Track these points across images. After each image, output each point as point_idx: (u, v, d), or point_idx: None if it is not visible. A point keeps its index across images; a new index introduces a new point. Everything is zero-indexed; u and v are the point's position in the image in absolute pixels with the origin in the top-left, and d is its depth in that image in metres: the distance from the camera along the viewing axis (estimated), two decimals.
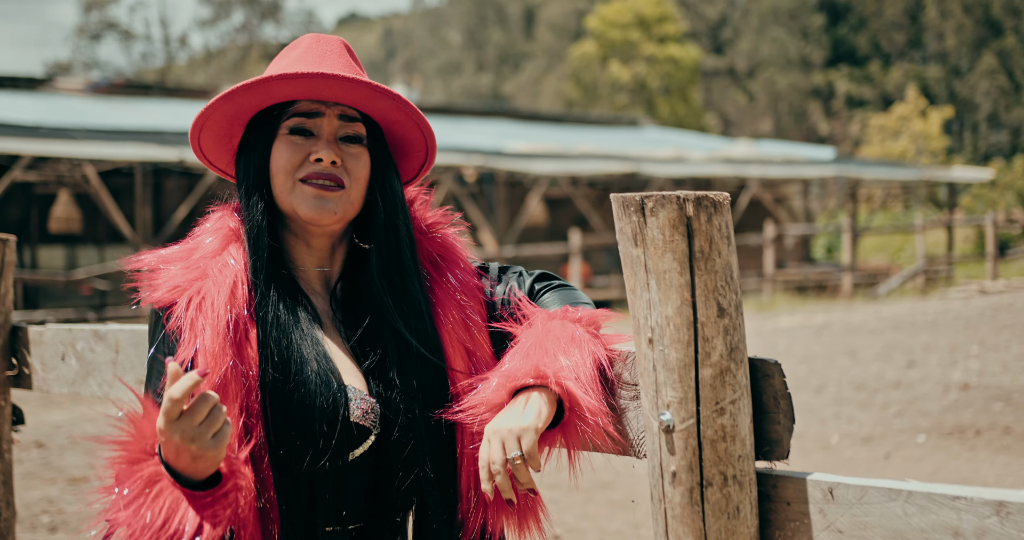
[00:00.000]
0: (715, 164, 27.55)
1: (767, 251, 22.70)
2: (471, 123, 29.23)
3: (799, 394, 10.80)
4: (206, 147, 2.10)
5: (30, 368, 3.07)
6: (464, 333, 2.04)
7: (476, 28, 71.80)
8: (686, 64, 48.64)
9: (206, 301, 1.93)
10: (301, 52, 2.04)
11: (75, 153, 17.58)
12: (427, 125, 2.10)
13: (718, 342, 1.57)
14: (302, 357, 1.93)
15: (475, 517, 2.02)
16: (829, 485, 1.58)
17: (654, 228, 1.57)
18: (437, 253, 2.11)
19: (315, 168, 1.99)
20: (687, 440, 1.58)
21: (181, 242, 2.07)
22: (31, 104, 21.75)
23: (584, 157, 25.25)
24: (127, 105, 23.18)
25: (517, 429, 1.82)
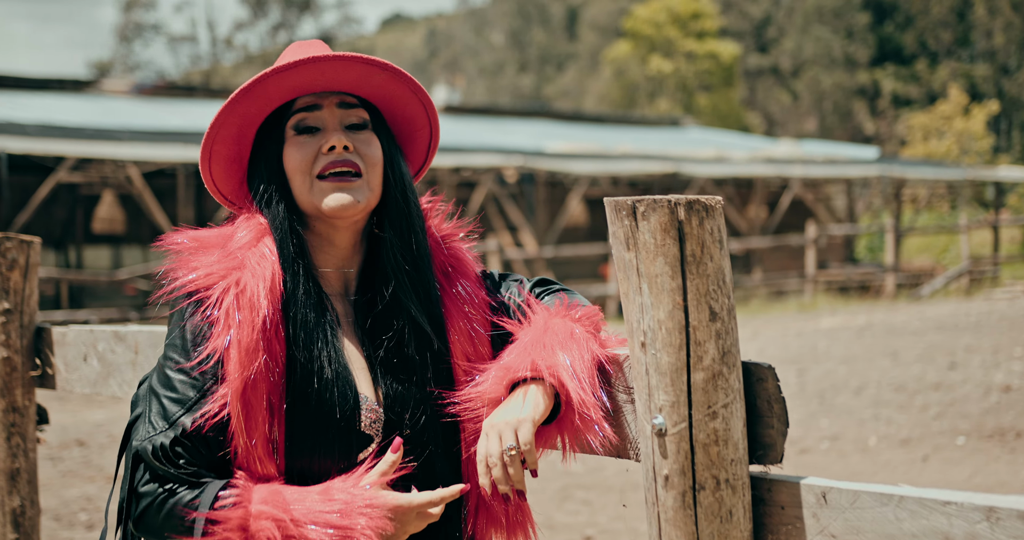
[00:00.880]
0: (757, 164, 27.40)
1: (809, 251, 22.55)
2: (512, 123, 29.25)
3: (838, 395, 10.73)
4: (217, 176, 2.09)
5: (53, 368, 3.11)
6: (469, 344, 2.05)
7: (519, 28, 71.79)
8: (725, 60, 48.39)
9: (245, 293, 1.92)
10: (286, 56, 2.05)
11: (119, 154, 17.76)
12: (426, 95, 2.10)
13: (710, 346, 1.58)
14: (322, 367, 1.94)
15: (468, 524, 2.03)
16: (822, 489, 1.57)
17: (646, 232, 1.57)
18: (449, 264, 2.12)
19: (329, 158, 1.99)
20: (679, 444, 1.59)
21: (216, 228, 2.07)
22: (77, 106, 22.00)
23: (624, 157, 25.20)
24: (171, 106, 23.39)
25: (514, 421, 1.84)
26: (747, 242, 23.51)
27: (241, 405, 1.87)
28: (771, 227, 27.83)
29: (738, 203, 27.87)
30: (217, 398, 1.88)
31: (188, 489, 1.87)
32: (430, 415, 2.00)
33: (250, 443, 1.88)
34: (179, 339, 1.95)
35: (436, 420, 2.01)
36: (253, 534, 1.83)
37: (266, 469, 1.90)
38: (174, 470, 1.87)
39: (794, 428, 9.41)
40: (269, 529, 1.82)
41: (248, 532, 1.83)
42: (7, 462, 3.16)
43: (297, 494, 1.86)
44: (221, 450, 1.90)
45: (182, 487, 1.88)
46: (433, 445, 2.00)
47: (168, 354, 1.96)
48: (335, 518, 1.84)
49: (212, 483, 1.87)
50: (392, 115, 2.12)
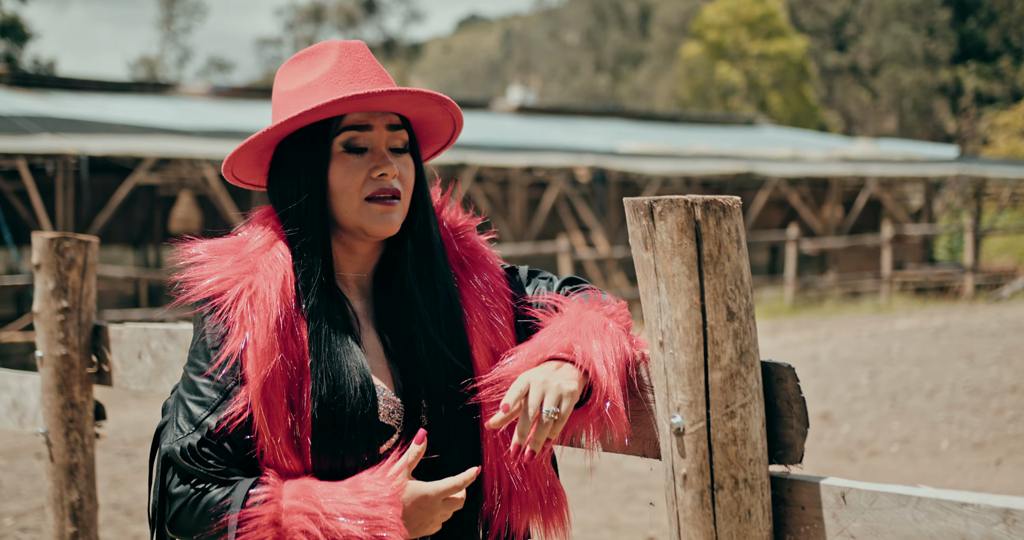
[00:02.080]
0: (832, 163, 27.09)
1: (885, 251, 22.24)
2: (585, 124, 29.22)
3: (911, 398, 10.59)
4: (237, 164, 2.13)
5: (110, 365, 3.18)
6: (490, 334, 2.08)
7: (594, 28, 71.64)
8: (795, 57, 47.85)
9: (257, 296, 1.98)
10: (333, 64, 2.06)
11: (196, 154, 18.04)
12: (461, 123, 2.16)
13: (728, 346, 1.58)
14: (343, 366, 1.98)
15: (500, 515, 2.05)
16: (842, 490, 1.57)
17: (663, 232, 1.58)
18: (465, 255, 2.16)
19: (380, 184, 2.03)
20: (697, 443, 1.59)
21: (230, 234, 2.13)
22: (156, 108, 22.39)
23: (697, 157, 25.05)
24: (248, 108, 23.70)
25: (557, 387, 1.83)
26: (822, 242, 23.24)
27: (262, 403, 1.92)
28: (846, 227, 27.50)
29: (813, 203, 27.57)
30: (239, 398, 1.93)
31: (219, 488, 1.92)
32: (449, 404, 2.03)
33: (274, 440, 1.93)
34: (199, 345, 2.02)
35: (455, 409, 2.03)
36: (285, 529, 1.87)
37: (292, 465, 1.94)
38: (203, 470, 1.92)
39: (864, 430, 9.30)
40: (301, 523, 1.86)
41: (280, 527, 1.87)
42: (66, 457, 3.24)
43: (326, 488, 1.90)
44: (248, 449, 1.95)
45: (213, 486, 1.93)
46: (453, 433, 2.03)
47: (191, 360, 2.02)
48: (364, 509, 1.87)
49: (242, 481, 1.92)
50: (420, 128, 2.18)
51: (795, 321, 18.34)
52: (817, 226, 26.59)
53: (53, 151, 16.75)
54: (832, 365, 12.55)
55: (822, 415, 9.86)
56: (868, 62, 62.68)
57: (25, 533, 7.01)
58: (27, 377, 3.46)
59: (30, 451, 9.46)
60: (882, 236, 22.60)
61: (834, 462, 8.25)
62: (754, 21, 47.49)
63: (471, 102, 29.47)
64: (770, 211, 27.25)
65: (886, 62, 61.30)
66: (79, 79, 24.01)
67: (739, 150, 26.80)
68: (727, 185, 25.34)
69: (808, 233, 26.51)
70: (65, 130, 17.65)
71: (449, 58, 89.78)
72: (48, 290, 3.23)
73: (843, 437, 9.09)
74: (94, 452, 3.29)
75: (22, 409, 3.47)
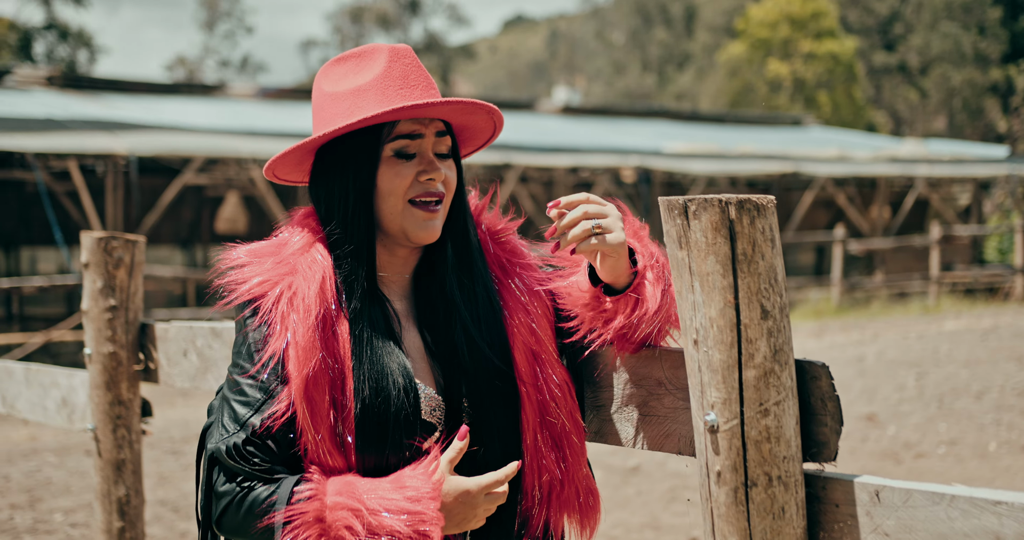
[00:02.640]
0: (880, 163, 26.87)
1: (933, 252, 22.04)
2: (629, 124, 29.17)
3: (958, 399, 10.50)
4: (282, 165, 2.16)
5: (156, 363, 3.23)
6: (529, 335, 2.10)
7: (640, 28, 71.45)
8: (844, 58, 47.45)
9: (297, 296, 2.01)
10: (383, 69, 2.08)
11: (242, 155, 18.20)
12: (501, 128, 2.20)
13: (762, 344, 1.59)
14: (385, 367, 2.01)
15: (538, 515, 2.07)
16: (876, 488, 1.58)
17: (697, 231, 1.60)
18: (505, 258, 2.18)
19: (425, 187, 2.07)
20: (731, 440, 1.60)
21: (269, 238, 2.17)
22: (204, 109, 22.59)
23: (743, 157, 24.94)
24: (294, 109, 23.86)
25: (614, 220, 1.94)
26: (869, 243, 23.06)
27: (305, 402, 1.96)
28: (894, 228, 27.27)
29: (860, 203, 27.37)
30: (282, 397, 1.97)
31: (264, 486, 1.96)
32: (489, 402, 2.05)
33: (317, 438, 1.96)
34: (242, 346, 2.05)
35: (495, 407, 2.05)
36: (330, 525, 1.90)
37: (336, 462, 1.97)
38: (248, 468, 1.96)
39: (911, 432, 9.23)
40: (345, 518, 1.90)
41: (325, 523, 1.91)
42: (113, 453, 3.29)
43: (369, 484, 1.93)
44: (291, 447, 1.99)
45: (258, 484, 1.96)
46: (493, 430, 2.05)
47: (235, 361, 2.06)
48: (407, 504, 1.90)
49: (287, 479, 1.96)
50: (460, 131, 2.21)
51: (841, 322, 18.22)
52: (864, 226, 26.38)
53: (103, 152, 16.95)
54: (879, 366, 12.46)
55: (868, 417, 9.80)
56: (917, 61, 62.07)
57: (75, 529, 7.11)
58: (76, 374, 3.52)
59: (80, 448, 9.59)
60: (930, 237, 22.40)
61: (880, 464, 8.20)
62: (804, 20, 47.15)
63: (516, 103, 29.51)
64: (816, 211, 27.08)
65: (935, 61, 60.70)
66: (129, 81, 24.27)
67: (785, 150, 26.65)
68: (773, 185, 25.21)
69: (855, 234, 26.32)
70: (115, 131, 17.86)
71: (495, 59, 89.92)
72: (96, 289, 3.28)
73: (889, 439, 9.03)
74: (141, 448, 3.35)
75: (71, 406, 3.53)
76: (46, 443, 10.04)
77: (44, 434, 10.46)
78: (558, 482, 2.06)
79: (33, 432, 10.59)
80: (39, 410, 3.75)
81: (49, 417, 3.69)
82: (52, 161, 17.53)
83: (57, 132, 17.26)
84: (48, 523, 7.26)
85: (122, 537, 3.32)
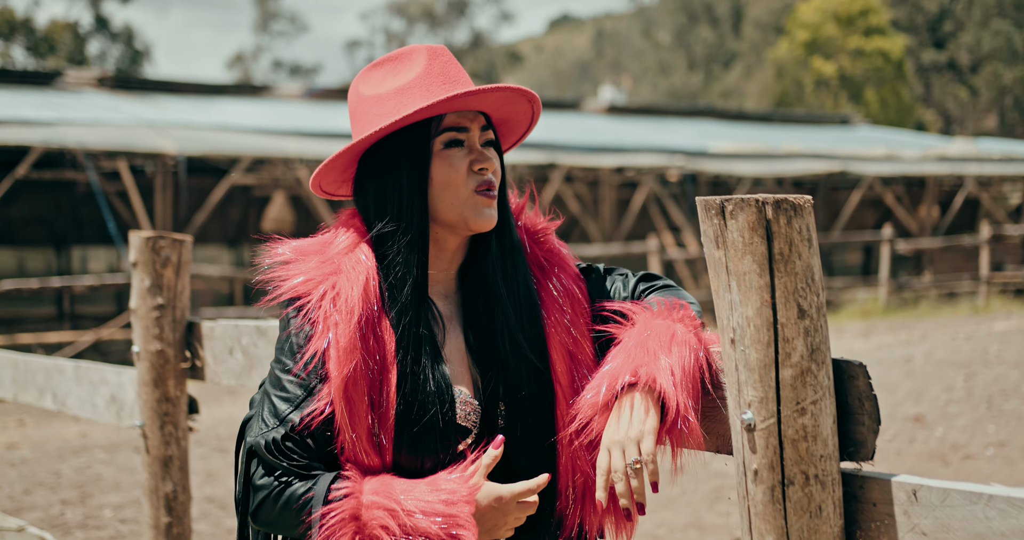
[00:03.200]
0: (929, 162, 26.64)
1: (983, 252, 21.80)
2: (675, 123, 29.08)
3: (1008, 401, 10.39)
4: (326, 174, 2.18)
5: (202, 361, 3.28)
6: (567, 337, 2.11)
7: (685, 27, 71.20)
8: (894, 55, 47.03)
9: (340, 296, 2.03)
10: (424, 67, 2.11)
11: (289, 155, 18.33)
12: (538, 117, 2.22)
13: (798, 343, 1.60)
14: (421, 366, 2.03)
15: (573, 515, 2.08)
16: (913, 487, 1.58)
17: (734, 231, 1.61)
18: (544, 258, 2.20)
19: (481, 178, 2.09)
20: (768, 439, 1.61)
21: (315, 236, 2.19)
22: (252, 110, 22.77)
23: (789, 157, 24.80)
24: (341, 109, 23.98)
25: (636, 435, 1.87)
26: (917, 243, 22.86)
27: (344, 401, 1.98)
28: (943, 227, 27.02)
29: (908, 203, 27.14)
30: (322, 396, 2.00)
31: (301, 482, 1.99)
32: (526, 406, 2.07)
33: (354, 437, 1.99)
34: (285, 343, 2.08)
35: (532, 410, 2.07)
36: (365, 523, 1.93)
37: (372, 462, 2.00)
38: (286, 463, 1.99)
39: (959, 433, 9.15)
40: (381, 518, 1.92)
41: (360, 521, 1.93)
42: (160, 449, 3.34)
43: (406, 485, 1.96)
44: (329, 445, 2.02)
45: (295, 480, 1.99)
46: (529, 434, 2.07)
47: (277, 357, 2.09)
48: (442, 507, 1.92)
49: (324, 475, 1.98)
50: (499, 124, 2.23)
51: (889, 322, 18.08)
52: (912, 226, 26.16)
53: (153, 151, 17.15)
54: (927, 367, 12.35)
55: (915, 418, 9.73)
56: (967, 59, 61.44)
57: (124, 524, 7.20)
58: (125, 372, 3.58)
59: (129, 445, 9.71)
60: (980, 236, 22.16)
61: (927, 465, 8.14)
62: (852, 17, 46.80)
63: (561, 102, 29.50)
64: (864, 211, 26.88)
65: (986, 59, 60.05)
66: (178, 82, 24.52)
67: (832, 149, 26.47)
68: (820, 185, 25.05)
69: (903, 233, 26.10)
70: (164, 132, 18.05)
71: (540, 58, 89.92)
72: (144, 287, 3.34)
73: (936, 440, 8.96)
74: (187, 445, 3.39)
75: (120, 403, 3.59)
76: (96, 440, 10.18)
77: (94, 431, 10.60)
78: (592, 483, 2.07)
79: (84, 429, 10.73)
80: (89, 407, 3.82)
81: (98, 414, 3.75)
82: (103, 161, 17.74)
83: (107, 132, 17.47)
84: (98, 518, 7.36)
85: (169, 532, 3.37)
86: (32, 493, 8.10)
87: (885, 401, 9.99)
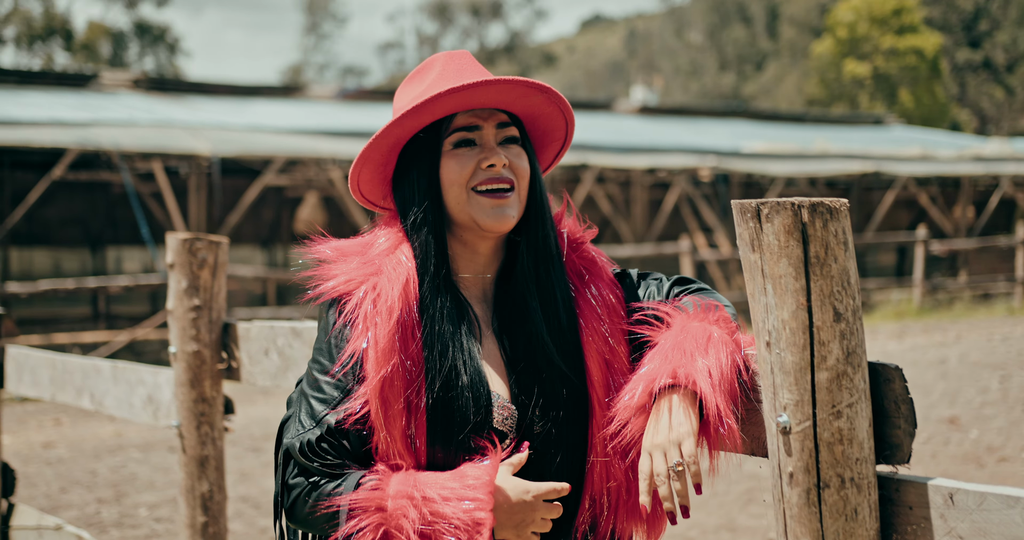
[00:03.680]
0: (964, 162, 26.44)
1: (1019, 253, 21.61)
2: (707, 124, 29.01)
3: None
4: (364, 181, 2.20)
5: (238, 362, 3.30)
6: (603, 344, 2.11)
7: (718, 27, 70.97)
8: (928, 53, 46.68)
9: (381, 297, 2.05)
10: (439, 71, 2.14)
11: (322, 155, 18.41)
12: (571, 113, 2.21)
13: (834, 346, 1.60)
14: (457, 369, 2.04)
15: (606, 522, 2.09)
16: (950, 491, 1.58)
17: (770, 234, 1.61)
18: (583, 266, 2.20)
19: (487, 174, 2.10)
20: (803, 442, 1.61)
21: (356, 236, 2.21)
22: (284, 111, 22.88)
23: (822, 157, 24.68)
24: (374, 110, 24.07)
25: (676, 437, 1.87)
26: (951, 243, 22.70)
27: (380, 402, 2.00)
28: (978, 228, 26.82)
29: (943, 203, 26.95)
30: (359, 396, 2.01)
31: (333, 480, 2.01)
32: (561, 412, 2.07)
33: (389, 438, 2.00)
34: (323, 343, 2.10)
35: (567, 416, 2.07)
36: (391, 513, 1.94)
37: (406, 462, 2.01)
38: (318, 463, 2.01)
39: (994, 436, 9.09)
40: (404, 507, 1.94)
41: (386, 512, 1.95)
42: (197, 449, 3.37)
43: (431, 477, 1.98)
44: (364, 445, 2.03)
45: (327, 479, 2.01)
46: (564, 439, 2.07)
47: (315, 357, 2.11)
48: (463, 491, 1.94)
49: (354, 473, 2.00)
50: (533, 127, 2.23)
51: (923, 324, 17.96)
52: (947, 227, 25.98)
53: (187, 152, 17.26)
54: (961, 369, 12.27)
55: (950, 420, 9.66)
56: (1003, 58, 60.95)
57: (159, 523, 7.26)
58: (161, 372, 3.61)
59: (163, 444, 9.78)
60: (1016, 237, 21.97)
61: (961, 467, 8.09)
62: (886, 16, 46.51)
63: (593, 103, 29.48)
64: (898, 211, 26.72)
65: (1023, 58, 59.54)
66: (212, 83, 24.66)
67: (866, 149, 26.33)
68: (853, 185, 24.92)
69: (938, 234, 25.92)
70: (198, 133, 18.17)
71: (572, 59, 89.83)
72: (181, 289, 3.37)
73: (971, 442, 8.90)
74: (223, 445, 3.42)
75: (156, 403, 3.62)
76: (131, 439, 10.26)
77: (129, 430, 10.68)
78: (625, 490, 2.07)
79: (119, 428, 10.82)
80: (126, 407, 3.85)
81: (135, 414, 3.79)
82: (138, 162, 17.87)
83: (142, 133, 17.60)
84: (133, 517, 7.42)
85: (205, 532, 3.40)
86: (68, 492, 8.18)
87: (919, 403, 9.92)
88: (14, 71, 23.24)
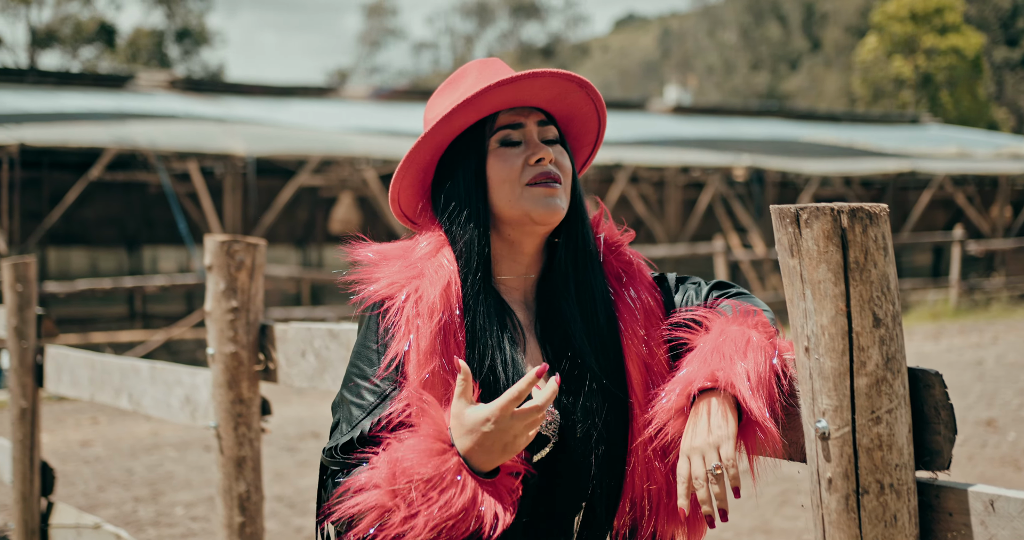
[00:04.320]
0: (1001, 161, 26.22)
1: None
2: (743, 123, 28.90)
3: None
4: (405, 187, 2.20)
5: (275, 363, 3.32)
6: (642, 346, 2.11)
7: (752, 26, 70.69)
8: (969, 53, 46.29)
9: (423, 300, 2.05)
10: (476, 76, 2.15)
11: (356, 155, 18.47)
12: (605, 116, 2.22)
13: (873, 352, 1.59)
14: (497, 370, 2.04)
15: (647, 525, 2.09)
16: (990, 497, 1.57)
17: (808, 239, 1.60)
18: (622, 269, 2.20)
19: (538, 169, 2.10)
20: (842, 448, 1.61)
21: (397, 241, 2.22)
22: (319, 111, 22.98)
23: (858, 156, 24.54)
24: (408, 110, 24.12)
25: (714, 440, 1.87)
26: (988, 243, 22.52)
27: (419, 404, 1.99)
28: (1016, 228, 26.59)
29: (980, 203, 26.73)
30: (400, 399, 2.01)
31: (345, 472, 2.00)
32: (602, 416, 2.07)
33: None
34: (363, 348, 2.10)
35: (606, 421, 2.07)
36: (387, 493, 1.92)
37: None
38: (340, 459, 2.01)
39: None
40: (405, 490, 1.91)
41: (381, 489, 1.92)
42: (234, 450, 3.39)
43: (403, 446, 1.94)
44: None
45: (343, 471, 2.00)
46: (604, 442, 2.07)
47: (354, 361, 2.11)
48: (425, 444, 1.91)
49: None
50: (567, 129, 2.24)
51: (959, 325, 17.83)
52: (984, 227, 25.77)
53: (223, 152, 17.36)
54: (998, 370, 12.18)
55: (987, 422, 9.59)
56: None
57: (195, 522, 7.31)
58: (199, 373, 3.64)
59: (199, 444, 9.84)
60: None
61: (999, 470, 8.03)
62: (928, 14, 46.17)
63: (627, 103, 29.44)
64: (934, 211, 26.53)
65: None
66: (247, 84, 24.80)
67: (902, 148, 26.16)
68: (889, 184, 24.76)
69: (974, 234, 25.71)
70: (234, 133, 18.27)
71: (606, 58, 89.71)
72: (219, 290, 3.39)
73: (1009, 445, 8.82)
74: (260, 446, 3.44)
75: (194, 403, 3.65)
76: (167, 438, 10.33)
77: (165, 429, 10.76)
78: (665, 493, 2.07)
79: (155, 427, 10.90)
80: (163, 407, 3.88)
81: (173, 414, 3.82)
82: (174, 163, 18.00)
83: (178, 134, 17.71)
84: (169, 516, 7.47)
85: (243, 532, 3.42)
86: (106, 490, 8.25)
87: (956, 405, 9.85)
88: (53, 72, 23.44)
